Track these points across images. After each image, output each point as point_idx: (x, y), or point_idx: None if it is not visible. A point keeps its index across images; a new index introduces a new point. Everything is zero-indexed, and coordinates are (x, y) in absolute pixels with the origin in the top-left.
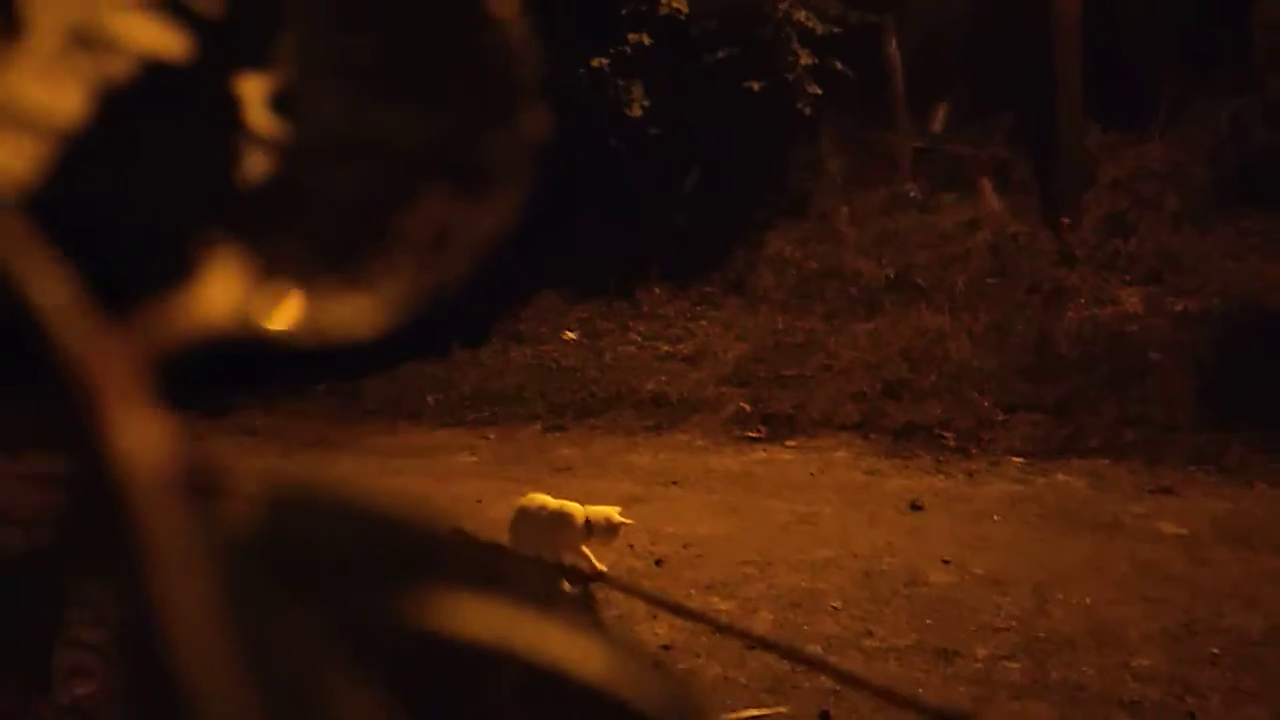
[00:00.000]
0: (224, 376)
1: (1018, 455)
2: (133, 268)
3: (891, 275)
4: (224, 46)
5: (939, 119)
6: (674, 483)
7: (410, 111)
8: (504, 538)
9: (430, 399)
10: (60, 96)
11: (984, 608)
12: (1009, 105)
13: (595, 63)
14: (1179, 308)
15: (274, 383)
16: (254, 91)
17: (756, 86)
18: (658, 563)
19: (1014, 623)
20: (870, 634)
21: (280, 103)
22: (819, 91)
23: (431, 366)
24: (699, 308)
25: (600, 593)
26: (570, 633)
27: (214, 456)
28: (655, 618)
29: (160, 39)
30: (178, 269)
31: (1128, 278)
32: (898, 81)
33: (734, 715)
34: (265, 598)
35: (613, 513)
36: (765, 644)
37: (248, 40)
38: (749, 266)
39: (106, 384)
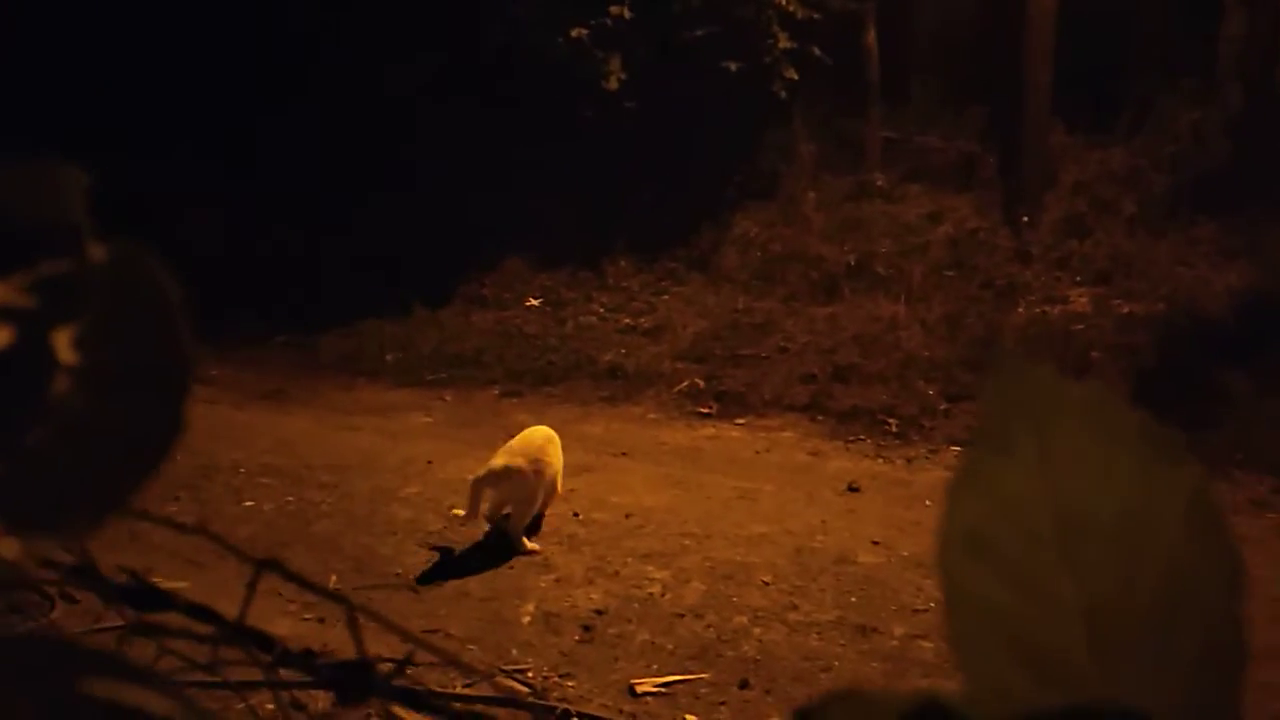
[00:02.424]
0: None
1: (957, 444)
2: None
3: (852, 262)
4: None
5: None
6: (624, 454)
7: None
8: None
9: (389, 357)
10: None
11: (906, 589)
12: (981, 101)
13: (574, 33)
14: (1125, 310)
15: (231, 331)
16: None
17: (734, 67)
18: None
19: (933, 604)
20: (796, 608)
21: None
22: (795, 76)
23: (392, 325)
24: (662, 283)
25: (540, 557)
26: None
27: None
28: (591, 583)
29: None
30: None
31: (1079, 278)
32: (873, 71)
33: (650, 680)
34: None
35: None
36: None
37: None
38: (714, 245)
39: None
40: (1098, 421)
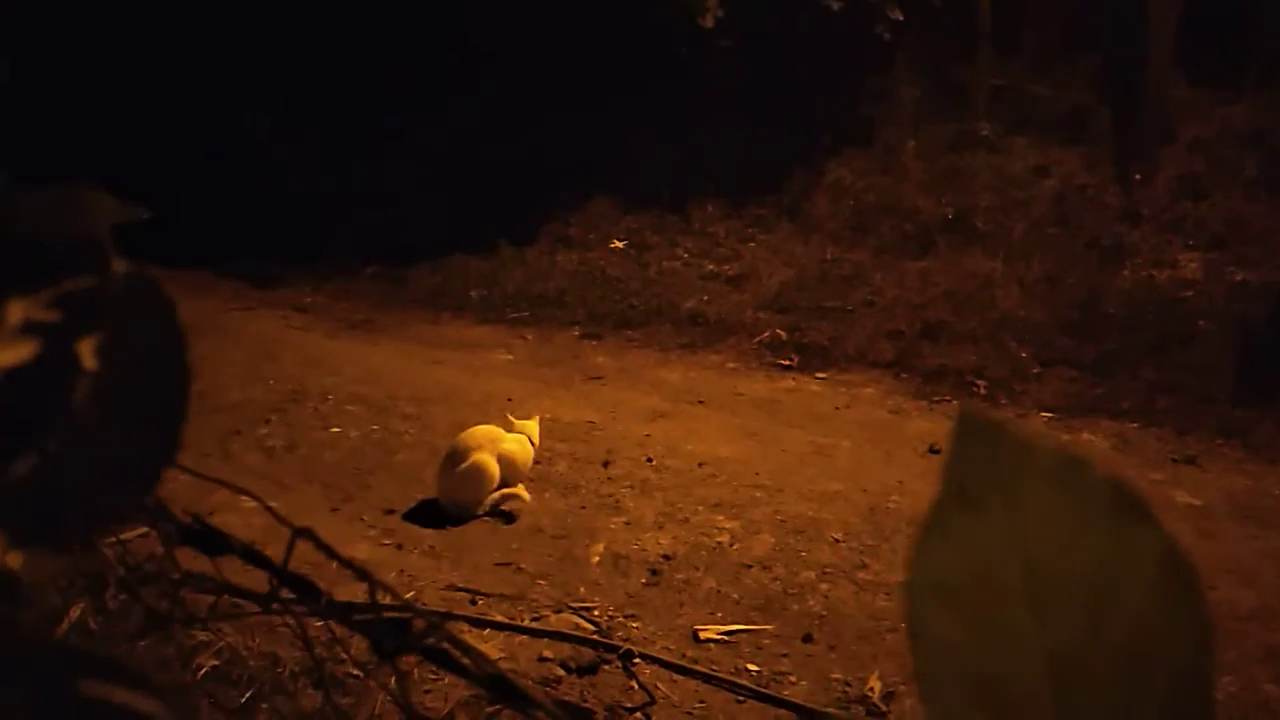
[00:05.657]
0: (271, 248)
1: (1047, 410)
2: None
3: (950, 215)
4: None
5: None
6: (700, 402)
7: None
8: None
9: (474, 293)
10: None
11: None
12: (1097, 49)
13: None
14: (1238, 278)
15: (325, 261)
16: None
17: (836, 5)
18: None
19: None
20: (865, 567)
21: None
22: (900, 17)
23: (478, 261)
24: (749, 229)
25: (611, 500)
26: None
27: None
28: (661, 528)
29: None
30: None
31: (1191, 242)
32: (984, 13)
33: (714, 628)
34: None
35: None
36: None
37: None
38: (805, 192)
39: None
40: (1067, 484)
